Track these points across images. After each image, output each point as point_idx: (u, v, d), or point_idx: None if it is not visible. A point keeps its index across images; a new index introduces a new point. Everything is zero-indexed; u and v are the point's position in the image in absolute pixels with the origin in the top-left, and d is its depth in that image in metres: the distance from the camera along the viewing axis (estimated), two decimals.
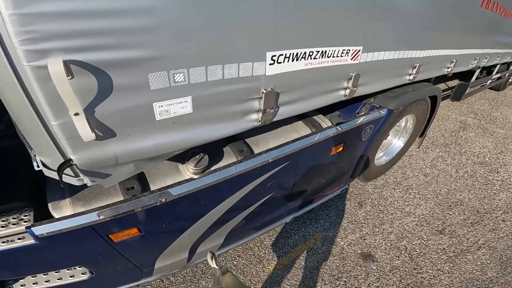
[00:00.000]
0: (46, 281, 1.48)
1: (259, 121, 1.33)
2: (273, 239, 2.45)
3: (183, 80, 0.98)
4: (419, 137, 3.21)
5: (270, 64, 1.18)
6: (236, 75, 1.11)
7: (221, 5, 0.93)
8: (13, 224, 1.24)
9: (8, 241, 1.21)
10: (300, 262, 2.29)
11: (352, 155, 2.32)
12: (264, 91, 1.23)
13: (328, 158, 2.01)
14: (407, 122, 2.95)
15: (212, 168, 1.42)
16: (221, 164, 1.47)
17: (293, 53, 1.23)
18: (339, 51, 1.46)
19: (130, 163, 1.07)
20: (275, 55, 1.18)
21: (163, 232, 1.50)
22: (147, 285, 2.06)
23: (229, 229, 1.86)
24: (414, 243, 2.49)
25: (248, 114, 1.28)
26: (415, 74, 2.23)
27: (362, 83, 1.76)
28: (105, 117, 0.89)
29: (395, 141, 3.07)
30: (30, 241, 1.18)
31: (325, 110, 2.08)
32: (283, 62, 1.22)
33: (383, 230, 2.59)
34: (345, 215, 2.71)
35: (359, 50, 1.57)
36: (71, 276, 1.50)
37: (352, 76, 1.64)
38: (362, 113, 2.13)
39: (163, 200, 1.27)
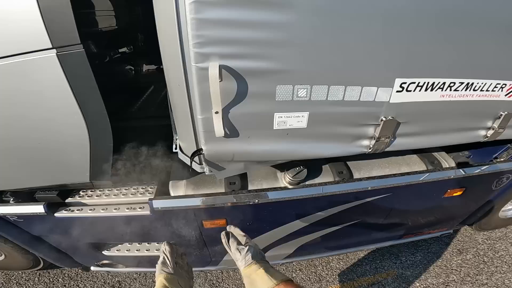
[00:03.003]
0: (137, 250, 1.73)
1: (370, 148, 1.25)
2: (342, 263, 2.33)
3: (305, 95, 1.03)
4: None
5: (397, 91, 1.09)
6: (357, 98, 1.08)
7: (354, 26, 0.91)
8: (140, 194, 1.47)
9: (131, 208, 1.43)
10: None
11: (471, 203, 1.94)
12: (384, 119, 1.15)
13: (439, 200, 1.72)
14: None
15: (307, 182, 1.44)
16: (317, 180, 1.47)
17: (428, 82, 1.09)
18: (491, 85, 1.20)
19: (242, 162, 1.20)
20: (405, 83, 1.08)
21: (245, 230, 1.58)
22: (207, 272, 2.25)
23: (303, 242, 1.86)
24: None
25: (360, 139, 1.23)
26: None
27: None
28: (235, 118, 1.03)
29: None
30: (146, 212, 1.39)
31: (452, 147, 1.76)
32: (413, 90, 1.10)
33: (476, 280, 2.20)
34: (435, 258, 2.37)
35: None
36: (157, 250, 1.73)
37: (501, 115, 1.33)
38: (502, 159, 1.70)
39: (256, 200, 1.37)
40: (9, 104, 1.03)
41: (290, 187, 1.43)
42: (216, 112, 0.97)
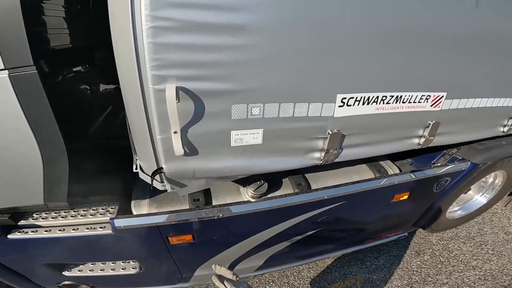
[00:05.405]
0: (101, 270, 1.67)
1: (321, 160, 1.36)
2: (312, 271, 2.40)
3: (258, 113, 1.12)
4: (509, 195, 2.77)
5: (339, 106, 1.23)
6: (305, 114, 1.19)
7: (298, 46, 1.03)
8: (100, 214, 1.45)
9: (91, 228, 1.40)
10: None
11: (418, 206, 2.13)
12: (330, 132, 1.28)
13: (389, 205, 1.89)
14: (495, 179, 2.55)
15: (269, 195, 1.52)
16: (278, 193, 1.55)
17: (364, 97, 1.25)
18: (417, 97, 1.39)
19: (203, 178, 1.24)
20: (345, 98, 1.22)
21: (212, 244, 1.64)
22: None
23: (271, 253, 1.91)
24: None
25: (312, 152, 1.34)
26: (511, 126, 1.94)
27: (441, 132, 1.62)
28: (193, 137, 1.08)
29: (477, 197, 2.68)
30: (108, 231, 1.37)
31: (397, 156, 1.97)
32: (353, 105, 1.25)
33: (437, 280, 2.35)
34: (397, 261, 2.52)
35: (442, 96, 1.47)
36: (123, 269, 1.68)
37: (430, 124, 1.54)
38: (439, 164, 1.94)
39: (221, 215, 1.40)
40: None
41: (252, 200, 1.49)
42: (175, 132, 1.01)
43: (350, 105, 1.25)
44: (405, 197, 1.86)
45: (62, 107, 1.10)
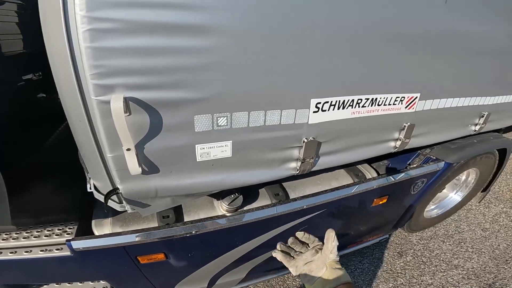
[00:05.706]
0: None
1: (297, 170, 1.28)
2: (297, 280, 2.35)
3: (225, 124, 1.01)
4: (482, 191, 2.84)
5: (314, 112, 1.15)
6: (278, 122, 1.10)
7: (270, 51, 0.94)
8: (56, 235, 1.34)
9: (46, 250, 1.29)
10: None
11: (397, 208, 2.12)
12: (306, 140, 1.20)
13: (369, 209, 1.85)
14: (468, 176, 2.62)
15: (245, 208, 1.42)
16: (254, 205, 1.45)
17: (339, 101, 1.18)
18: (392, 99, 1.35)
19: (168, 197, 1.12)
20: (319, 102, 1.15)
21: (188, 260, 1.52)
22: None
23: (253, 265, 1.82)
24: None
25: (287, 162, 1.25)
26: (482, 124, 1.97)
27: (416, 134, 1.60)
28: (152, 154, 0.95)
29: (451, 195, 2.74)
30: (66, 252, 1.25)
31: (374, 158, 1.95)
32: (328, 110, 1.18)
33: (422, 281, 2.36)
34: (381, 264, 2.52)
35: (416, 97, 1.44)
36: None
37: (405, 126, 1.51)
38: (414, 165, 1.94)
39: (193, 232, 1.29)
40: None
41: (228, 214, 1.38)
42: (128, 149, 0.88)
43: (325, 110, 1.18)
44: (384, 200, 1.84)
45: (17, 117, 0.94)
